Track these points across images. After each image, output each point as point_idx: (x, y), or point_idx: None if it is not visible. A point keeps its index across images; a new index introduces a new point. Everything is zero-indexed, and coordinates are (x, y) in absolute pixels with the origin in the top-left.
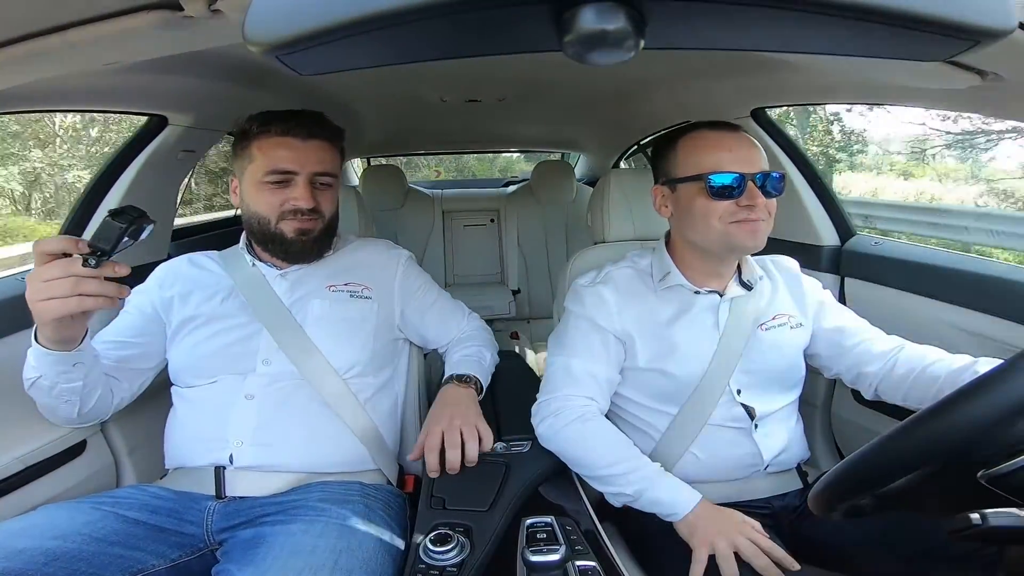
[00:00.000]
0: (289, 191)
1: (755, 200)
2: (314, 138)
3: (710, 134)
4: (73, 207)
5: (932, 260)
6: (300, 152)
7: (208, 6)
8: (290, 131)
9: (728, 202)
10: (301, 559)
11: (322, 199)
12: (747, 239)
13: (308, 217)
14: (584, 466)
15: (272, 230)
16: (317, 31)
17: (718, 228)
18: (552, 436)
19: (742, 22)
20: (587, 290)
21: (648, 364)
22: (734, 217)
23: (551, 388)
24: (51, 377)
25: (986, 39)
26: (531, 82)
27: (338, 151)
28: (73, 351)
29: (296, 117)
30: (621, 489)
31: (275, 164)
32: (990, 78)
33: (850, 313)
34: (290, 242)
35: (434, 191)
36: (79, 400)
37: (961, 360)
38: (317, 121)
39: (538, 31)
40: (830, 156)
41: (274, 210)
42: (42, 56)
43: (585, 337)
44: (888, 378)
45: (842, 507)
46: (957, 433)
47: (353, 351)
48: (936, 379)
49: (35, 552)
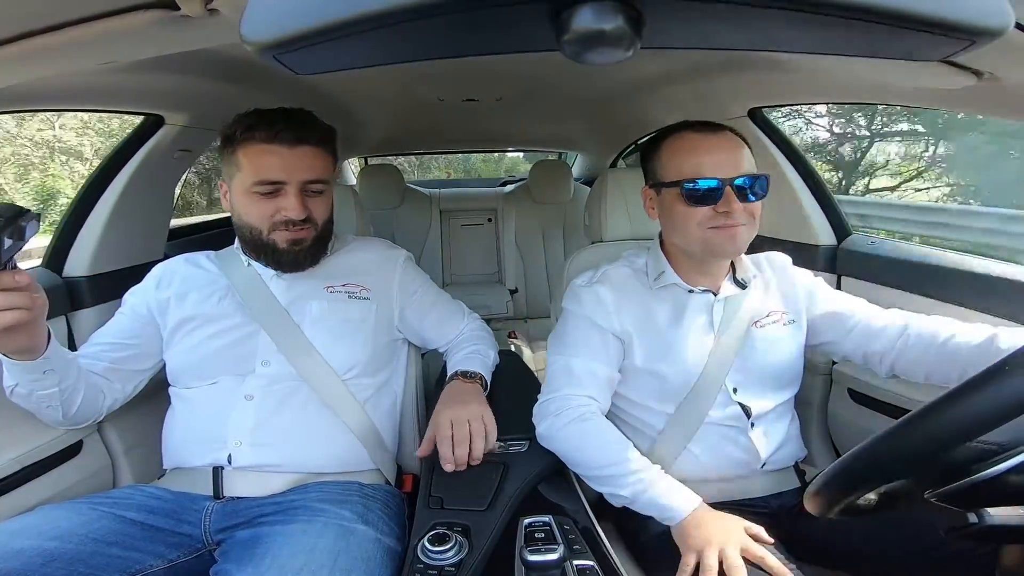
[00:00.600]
0: (279, 201)
1: (731, 207)
2: (302, 144)
3: (691, 137)
4: (68, 208)
5: (929, 259)
6: (288, 160)
7: (204, 6)
8: (276, 137)
9: (706, 208)
10: (300, 559)
11: (314, 207)
12: (725, 245)
13: (300, 227)
14: (582, 466)
15: (264, 240)
16: (313, 31)
17: (697, 234)
18: (552, 436)
19: (739, 22)
20: (585, 290)
21: (644, 363)
22: (712, 223)
23: (552, 388)
24: (25, 385)
25: (982, 39)
26: (529, 82)
27: (329, 154)
28: (39, 359)
29: (283, 120)
30: (619, 490)
31: (262, 174)
32: (986, 78)
33: (844, 295)
34: (282, 252)
35: (431, 190)
36: (60, 405)
37: (981, 333)
38: (304, 123)
39: (536, 31)
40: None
41: (265, 220)
42: (38, 55)
43: (585, 336)
44: (904, 355)
45: (838, 507)
46: (950, 434)
47: (352, 352)
48: (957, 354)
49: (33, 552)
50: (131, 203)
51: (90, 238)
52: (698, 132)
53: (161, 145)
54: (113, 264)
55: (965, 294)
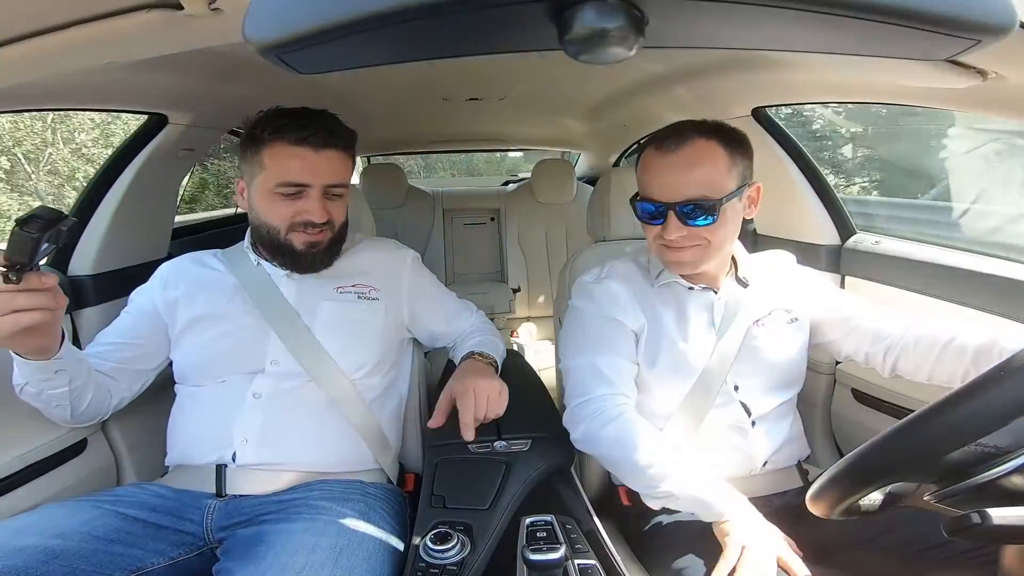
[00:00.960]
0: (301, 203)
1: (667, 230)
2: (329, 147)
3: (650, 155)
4: (73, 207)
5: (933, 258)
6: (314, 163)
7: (208, 5)
8: (305, 140)
9: (655, 226)
10: (302, 557)
11: (334, 210)
12: (675, 263)
13: (319, 230)
14: (625, 466)
15: (281, 240)
16: (316, 30)
17: (654, 246)
18: (591, 439)
19: (742, 21)
20: (596, 286)
21: (647, 361)
22: (662, 240)
23: (583, 391)
24: (36, 384)
25: (988, 38)
26: (532, 81)
27: (350, 158)
28: (52, 359)
29: (311, 123)
30: (660, 488)
31: (288, 176)
32: (992, 78)
33: (846, 294)
34: (299, 254)
35: (434, 189)
36: (69, 404)
37: (985, 333)
38: (332, 129)
39: (538, 30)
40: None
41: (284, 221)
42: (43, 55)
43: (604, 333)
44: (907, 355)
45: (840, 507)
46: (952, 436)
47: (361, 352)
48: (961, 354)
49: (35, 550)
50: (135, 202)
51: (94, 237)
52: (657, 150)
53: (165, 144)
54: (117, 263)
55: (970, 294)
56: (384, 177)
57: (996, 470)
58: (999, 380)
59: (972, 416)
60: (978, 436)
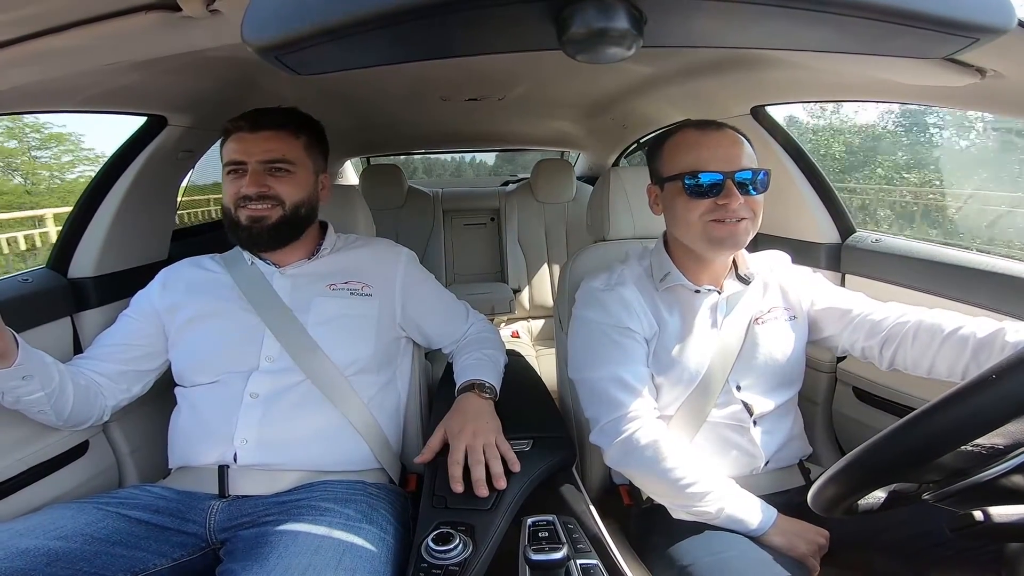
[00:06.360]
0: (243, 180)
1: (730, 199)
2: (262, 128)
3: (693, 133)
4: (73, 209)
5: (933, 256)
6: (249, 143)
7: (206, 6)
8: (242, 123)
9: (707, 201)
10: (304, 558)
11: (278, 186)
12: (725, 237)
13: (260, 205)
14: (662, 484)
15: (232, 218)
16: (314, 31)
17: (698, 226)
18: (625, 458)
19: (741, 20)
20: (607, 294)
21: (653, 364)
22: (712, 216)
23: (613, 407)
24: (9, 391)
25: (986, 36)
26: (531, 81)
27: (297, 139)
28: (12, 367)
29: (253, 112)
30: (697, 507)
31: (229, 156)
32: (990, 76)
33: (843, 290)
34: (243, 228)
35: (434, 190)
36: (51, 409)
37: (984, 327)
38: (266, 112)
39: (537, 30)
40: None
41: (232, 199)
42: (42, 57)
43: (622, 344)
44: (904, 348)
45: (841, 506)
46: (952, 435)
47: (354, 348)
48: (961, 348)
49: (38, 552)
50: (135, 204)
51: (95, 239)
52: (699, 129)
53: (164, 146)
54: (118, 265)
55: (970, 291)
56: (384, 178)
57: (996, 469)
58: (999, 380)
59: (973, 415)
60: (978, 435)
